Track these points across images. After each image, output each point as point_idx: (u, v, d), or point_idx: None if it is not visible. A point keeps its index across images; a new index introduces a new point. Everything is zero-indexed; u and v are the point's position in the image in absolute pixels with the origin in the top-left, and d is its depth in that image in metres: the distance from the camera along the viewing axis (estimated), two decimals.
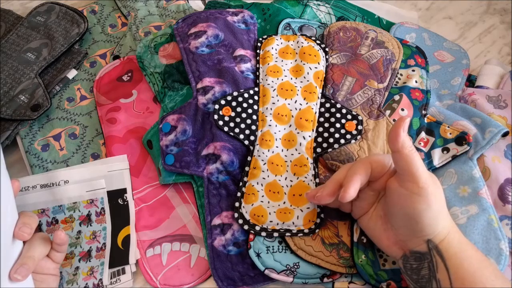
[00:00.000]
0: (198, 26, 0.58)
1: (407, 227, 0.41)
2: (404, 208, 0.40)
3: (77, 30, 0.63)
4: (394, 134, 0.40)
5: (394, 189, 0.41)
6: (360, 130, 0.52)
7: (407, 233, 0.41)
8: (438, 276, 0.39)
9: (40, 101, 0.57)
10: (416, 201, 0.39)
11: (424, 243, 0.40)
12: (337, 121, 0.52)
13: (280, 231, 0.47)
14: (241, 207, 0.49)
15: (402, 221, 0.41)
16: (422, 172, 0.39)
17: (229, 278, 0.47)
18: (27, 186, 0.51)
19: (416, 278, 0.41)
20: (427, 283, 0.40)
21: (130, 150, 0.55)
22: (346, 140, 0.51)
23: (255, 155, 0.51)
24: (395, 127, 0.40)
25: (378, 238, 0.44)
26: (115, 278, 0.48)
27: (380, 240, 0.44)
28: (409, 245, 0.41)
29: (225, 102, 0.53)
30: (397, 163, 0.40)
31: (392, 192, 0.41)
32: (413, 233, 0.40)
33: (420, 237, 0.40)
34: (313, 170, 0.51)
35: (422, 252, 0.40)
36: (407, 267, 0.42)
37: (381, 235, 0.44)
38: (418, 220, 0.39)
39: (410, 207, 0.39)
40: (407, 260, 0.41)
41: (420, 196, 0.39)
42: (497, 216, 0.47)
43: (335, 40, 0.59)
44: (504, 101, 0.55)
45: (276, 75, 0.55)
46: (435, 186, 0.40)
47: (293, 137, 0.52)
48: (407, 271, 0.42)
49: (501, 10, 0.72)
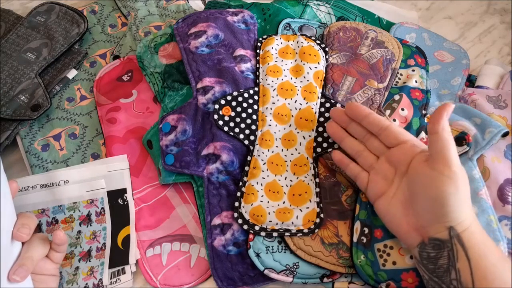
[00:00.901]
0: (198, 26, 0.58)
1: (432, 211, 0.40)
2: (432, 190, 0.40)
3: (77, 30, 0.63)
4: (437, 116, 0.41)
5: (423, 171, 0.41)
6: None
7: (430, 218, 0.41)
8: (458, 266, 0.39)
9: (40, 101, 0.57)
10: (446, 183, 0.39)
11: (446, 230, 0.40)
12: None
13: (279, 231, 0.47)
14: (240, 207, 0.49)
15: (428, 204, 0.41)
16: (456, 157, 0.40)
17: (229, 278, 0.47)
18: (27, 186, 0.51)
19: (432, 268, 0.40)
20: (444, 273, 0.39)
21: (130, 150, 0.55)
22: None
23: (255, 155, 0.51)
24: (439, 110, 0.41)
25: (396, 223, 0.44)
26: (115, 278, 0.48)
27: (399, 225, 0.43)
28: (429, 232, 0.41)
29: (225, 102, 0.53)
30: (434, 145, 0.41)
31: (421, 174, 0.42)
32: (437, 218, 0.40)
33: (443, 223, 0.40)
34: (313, 170, 0.51)
35: (442, 240, 0.40)
36: (423, 255, 0.41)
37: (401, 220, 0.43)
38: (444, 203, 0.39)
39: (438, 189, 0.40)
40: (424, 248, 0.41)
41: (450, 179, 0.39)
42: (496, 216, 0.47)
43: (335, 40, 0.59)
44: (504, 101, 0.55)
45: (276, 75, 0.55)
46: (464, 175, 0.41)
47: (293, 137, 0.52)
48: (423, 260, 0.41)
49: (501, 10, 0.72)
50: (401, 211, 0.43)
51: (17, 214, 0.41)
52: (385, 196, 0.45)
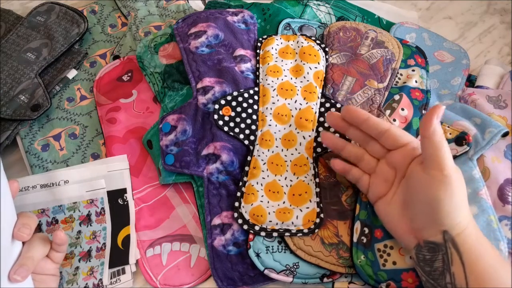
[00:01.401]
0: (198, 26, 0.58)
1: (426, 215, 0.40)
2: (425, 194, 0.40)
3: (77, 30, 0.63)
4: (427, 120, 0.40)
5: (418, 174, 0.41)
6: None
7: (424, 221, 0.41)
8: (452, 269, 0.39)
9: (40, 101, 0.57)
10: (439, 188, 0.39)
11: (440, 234, 0.39)
12: None
13: (279, 231, 0.47)
14: (240, 207, 0.49)
15: (422, 208, 0.41)
16: (449, 161, 0.40)
17: (229, 278, 0.47)
18: (27, 186, 0.51)
19: (428, 270, 0.40)
20: (440, 276, 0.39)
21: (130, 150, 0.55)
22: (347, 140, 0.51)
23: (255, 155, 0.51)
24: (428, 113, 0.40)
25: (395, 225, 0.44)
26: (115, 278, 0.48)
27: (397, 226, 0.43)
28: (424, 235, 0.41)
29: (225, 102, 0.53)
30: (426, 149, 0.40)
31: (415, 178, 0.41)
32: (431, 222, 0.40)
33: (437, 227, 0.40)
34: (313, 170, 0.51)
35: (436, 243, 0.40)
36: (420, 257, 0.41)
37: (399, 221, 0.43)
38: (437, 208, 0.39)
39: (432, 193, 0.39)
40: (420, 250, 0.41)
41: (443, 183, 0.39)
42: (496, 216, 0.47)
43: (335, 40, 0.59)
44: (504, 101, 0.55)
45: (276, 75, 0.55)
46: (459, 176, 0.40)
47: (293, 137, 0.52)
48: (420, 262, 0.41)
49: (501, 10, 0.72)
50: (399, 212, 0.43)
51: (17, 214, 0.41)
52: (385, 198, 0.45)
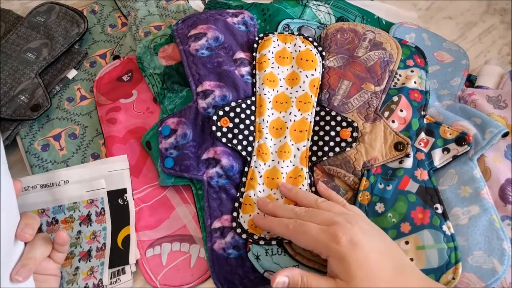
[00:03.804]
0: (198, 28, 0.58)
1: None
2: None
3: (77, 30, 0.63)
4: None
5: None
6: (355, 137, 0.51)
7: None
8: None
9: (40, 101, 0.57)
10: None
11: None
12: (332, 129, 0.52)
13: (278, 239, 0.47)
14: (239, 217, 0.49)
15: None
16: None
17: (229, 281, 0.47)
18: (27, 186, 0.51)
19: None
20: None
21: (130, 150, 0.55)
22: (341, 148, 0.51)
23: (252, 166, 0.51)
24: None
25: None
26: (115, 278, 0.48)
27: None
28: None
29: (223, 113, 0.53)
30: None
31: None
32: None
33: None
34: (308, 179, 0.51)
35: None
36: None
37: None
38: None
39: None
40: None
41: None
42: (498, 216, 0.47)
43: (332, 42, 0.59)
44: (504, 101, 0.55)
45: (272, 85, 0.55)
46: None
47: (288, 149, 0.52)
48: None
49: (501, 10, 0.72)
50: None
51: (20, 214, 0.41)
52: None
